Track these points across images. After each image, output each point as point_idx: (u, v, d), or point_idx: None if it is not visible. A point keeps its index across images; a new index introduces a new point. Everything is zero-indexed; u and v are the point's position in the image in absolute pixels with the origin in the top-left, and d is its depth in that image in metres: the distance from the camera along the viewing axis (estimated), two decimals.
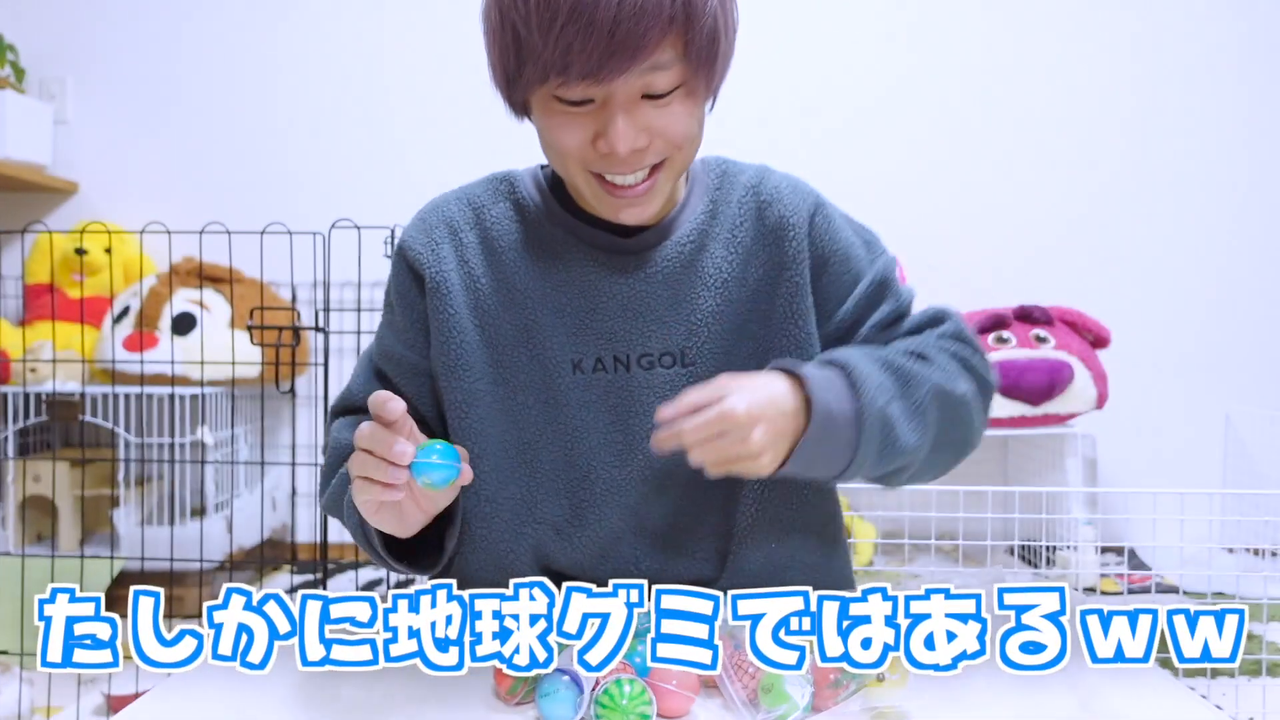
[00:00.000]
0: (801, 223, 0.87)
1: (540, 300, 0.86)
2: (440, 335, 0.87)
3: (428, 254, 0.88)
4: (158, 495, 2.37)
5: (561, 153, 0.78)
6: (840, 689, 0.56)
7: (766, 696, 0.55)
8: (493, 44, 0.78)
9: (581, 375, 0.86)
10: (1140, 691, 0.60)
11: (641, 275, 0.85)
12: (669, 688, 0.58)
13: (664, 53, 0.72)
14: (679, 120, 0.77)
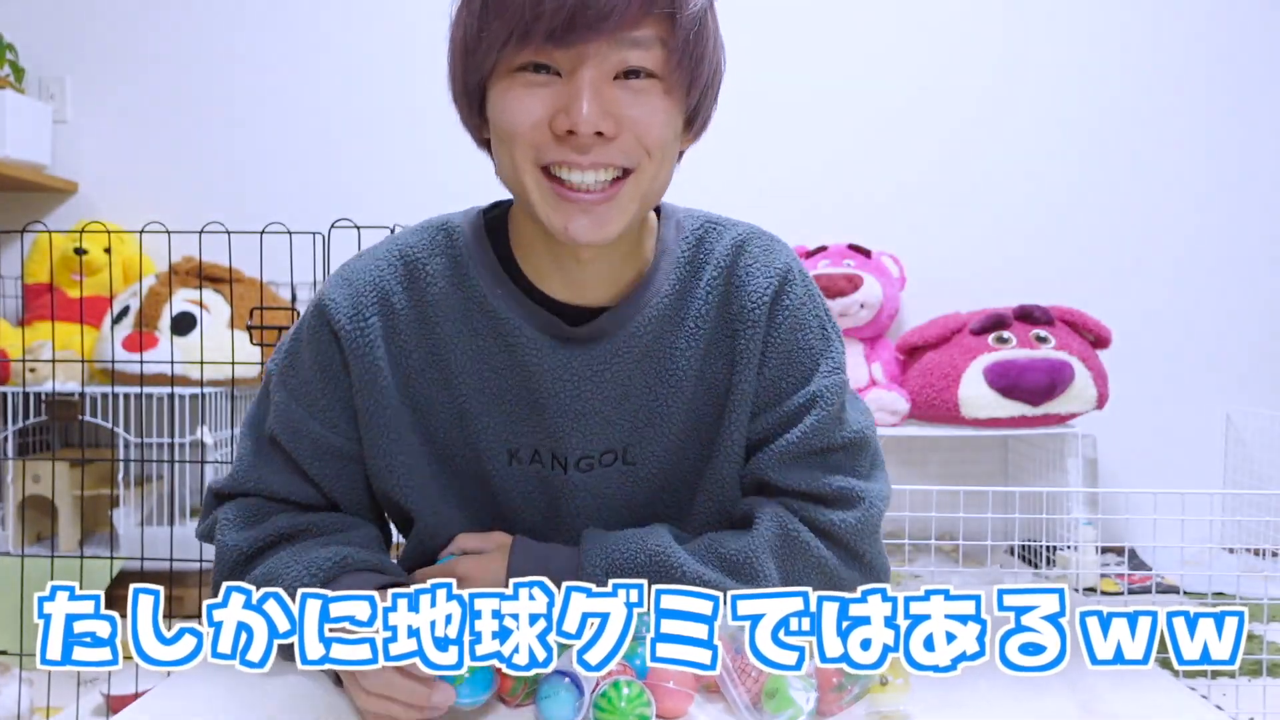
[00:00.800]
0: (761, 315, 0.78)
1: (476, 385, 0.78)
2: (372, 423, 0.78)
3: (353, 326, 0.77)
4: (158, 495, 2.37)
5: (511, 133, 0.69)
6: (844, 693, 0.56)
7: (770, 701, 0.55)
8: (459, 22, 0.70)
9: (518, 466, 0.80)
10: (1144, 693, 0.60)
11: (590, 371, 0.77)
12: (667, 688, 0.58)
13: (646, 28, 0.66)
14: (654, 115, 0.68)
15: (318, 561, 0.71)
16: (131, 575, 2.15)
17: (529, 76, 0.67)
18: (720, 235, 0.81)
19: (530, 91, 0.67)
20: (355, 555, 0.73)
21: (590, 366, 0.77)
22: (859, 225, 2.73)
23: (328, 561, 0.70)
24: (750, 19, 2.77)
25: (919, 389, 2.44)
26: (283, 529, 0.78)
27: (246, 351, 2.22)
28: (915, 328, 2.59)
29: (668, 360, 0.78)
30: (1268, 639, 1.96)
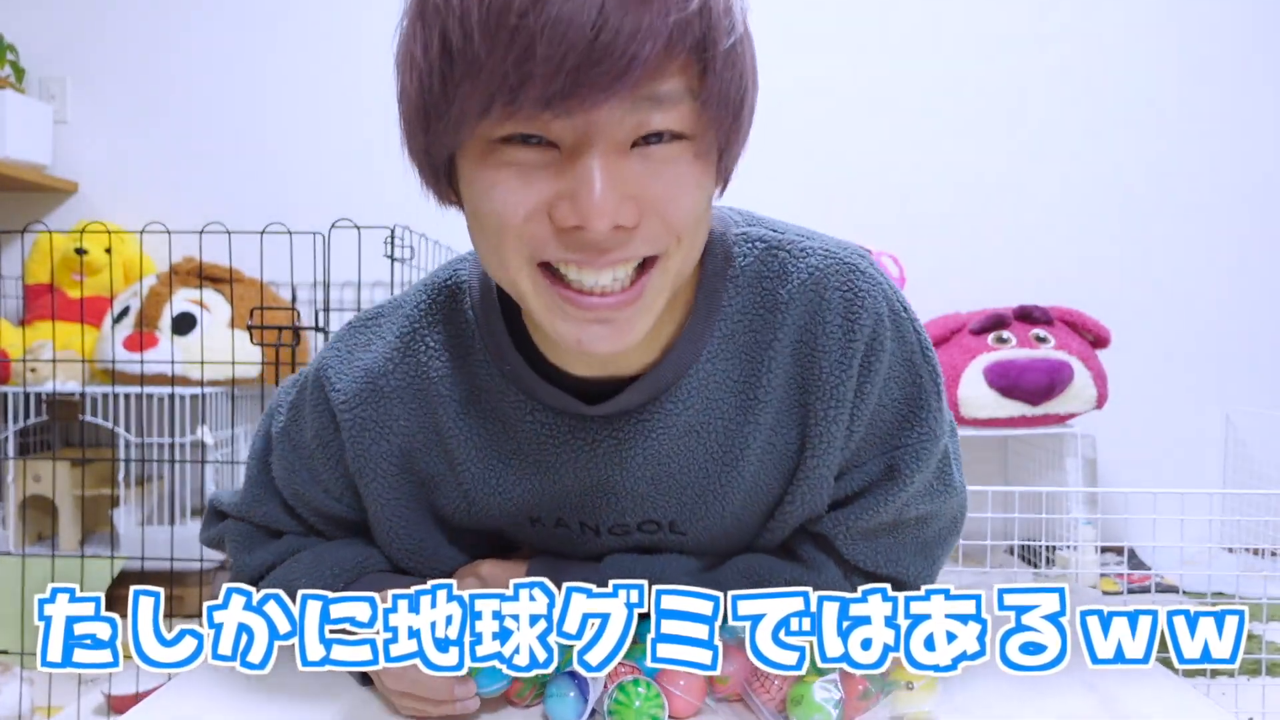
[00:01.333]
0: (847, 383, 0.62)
1: (480, 474, 0.66)
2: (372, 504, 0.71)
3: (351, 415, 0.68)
4: (158, 495, 2.37)
5: (498, 232, 0.53)
6: (870, 699, 0.55)
7: (796, 708, 0.55)
8: (409, 71, 0.52)
9: (542, 528, 0.70)
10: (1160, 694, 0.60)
11: (617, 457, 0.62)
12: (678, 686, 0.58)
13: (668, 80, 0.50)
14: (683, 190, 0.52)
15: (342, 561, 0.69)
16: (132, 575, 2.15)
17: (515, 152, 0.51)
18: (788, 270, 0.63)
19: (520, 174, 0.51)
20: (377, 556, 0.72)
21: (617, 450, 0.62)
22: (859, 225, 2.73)
23: (351, 561, 0.69)
24: (757, 15, 2.77)
25: None
26: (295, 544, 0.76)
27: (247, 352, 2.22)
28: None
29: (722, 435, 0.62)
30: (1267, 639, 1.96)
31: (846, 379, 0.62)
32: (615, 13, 0.44)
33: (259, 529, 0.78)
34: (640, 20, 0.45)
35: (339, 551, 0.72)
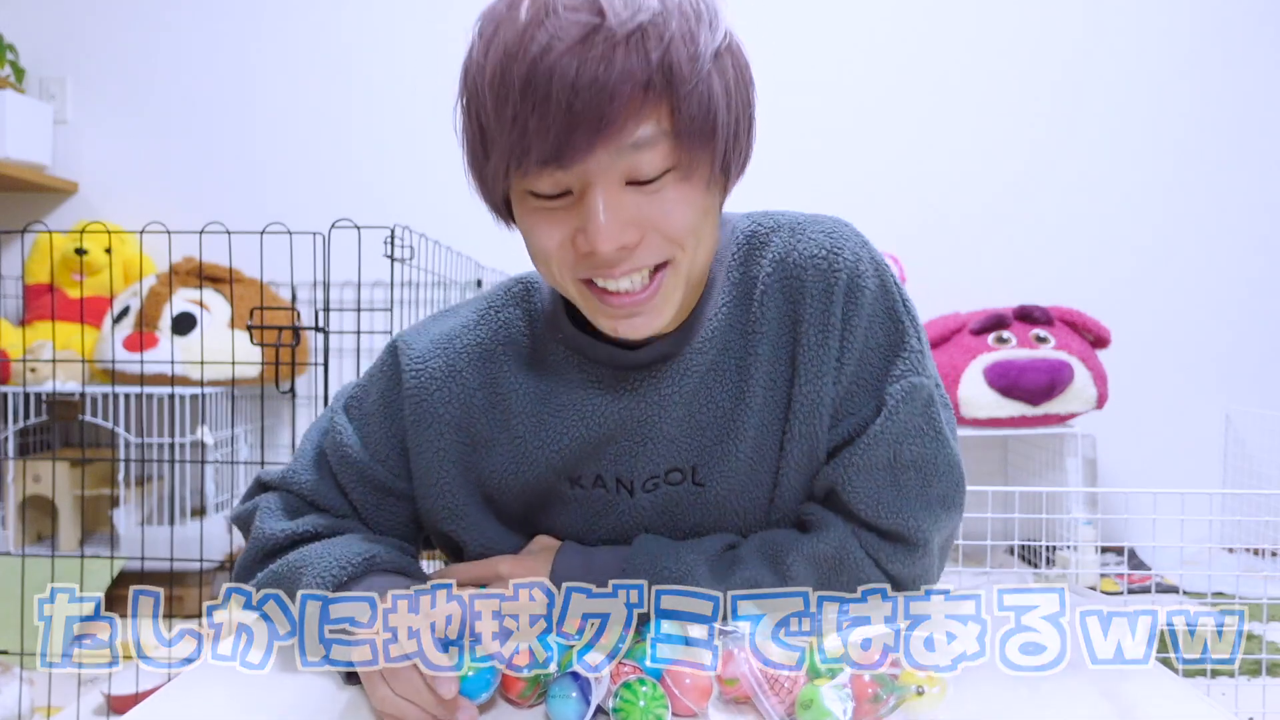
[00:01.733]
0: (834, 314, 0.72)
1: (534, 426, 0.76)
2: (427, 481, 0.79)
3: (419, 365, 0.78)
4: (158, 495, 2.37)
5: (543, 257, 0.66)
6: (881, 704, 0.55)
7: (805, 712, 0.54)
8: (463, 140, 0.69)
9: (580, 490, 0.77)
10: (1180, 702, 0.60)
11: (654, 396, 0.73)
12: (684, 686, 0.58)
13: (644, 127, 0.60)
14: (675, 210, 0.63)
15: (348, 555, 0.70)
16: (132, 575, 2.15)
17: (542, 200, 0.64)
18: (774, 223, 0.77)
19: (547, 215, 0.64)
20: (384, 555, 0.72)
21: (654, 389, 0.73)
22: (859, 225, 2.73)
23: (358, 557, 0.70)
24: (751, 18, 2.77)
25: None
26: (319, 526, 0.78)
27: (246, 352, 2.22)
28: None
29: (732, 373, 0.73)
30: (1267, 639, 1.96)
31: (832, 306, 0.72)
32: (585, 87, 0.56)
33: (296, 498, 0.81)
34: (606, 87, 0.57)
35: (348, 546, 0.73)
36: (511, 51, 0.59)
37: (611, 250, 0.61)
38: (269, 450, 2.68)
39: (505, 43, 0.60)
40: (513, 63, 0.59)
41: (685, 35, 0.60)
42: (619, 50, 0.57)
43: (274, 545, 0.77)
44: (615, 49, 0.57)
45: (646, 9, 0.59)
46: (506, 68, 0.59)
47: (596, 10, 0.58)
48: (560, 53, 0.57)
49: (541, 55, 0.57)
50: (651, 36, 0.58)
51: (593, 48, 0.57)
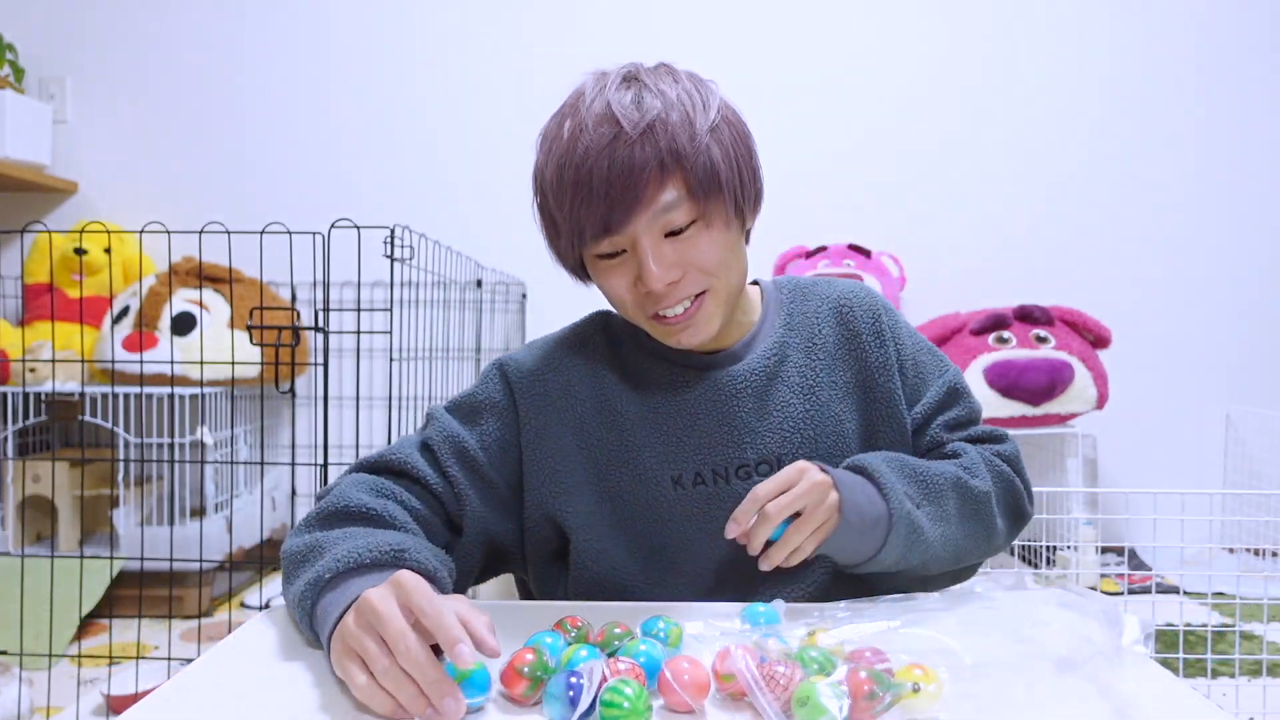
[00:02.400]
0: (884, 329, 0.96)
1: (638, 421, 0.91)
2: (544, 469, 0.90)
3: (533, 379, 0.93)
4: (157, 495, 2.37)
5: (617, 302, 0.87)
6: (876, 701, 0.55)
7: (801, 709, 0.54)
8: (541, 227, 0.88)
9: (682, 490, 0.90)
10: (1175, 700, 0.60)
11: (730, 389, 0.91)
12: (681, 683, 0.58)
13: (666, 194, 0.80)
14: (705, 250, 0.83)
15: (386, 543, 0.72)
16: (131, 575, 2.15)
17: (605, 262, 0.84)
18: (813, 282, 1.00)
19: (612, 270, 0.84)
20: (415, 552, 0.73)
21: (729, 383, 0.91)
22: (859, 225, 2.73)
23: (391, 545, 0.72)
24: (753, 19, 2.77)
25: None
26: (392, 513, 0.82)
27: (246, 351, 2.22)
28: (915, 328, 2.59)
29: (794, 373, 0.92)
30: (1268, 639, 1.96)
31: (881, 323, 0.96)
32: (616, 177, 0.79)
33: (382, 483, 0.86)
34: (630, 174, 0.79)
35: (388, 536, 0.75)
36: (562, 161, 0.81)
37: (661, 287, 0.82)
38: (268, 450, 2.68)
39: (558, 155, 0.81)
40: (564, 169, 0.80)
41: (684, 122, 0.81)
42: (635, 147, 0.78)
43: (345, 510, 0.81)
44: (632, 146, 0.78)
45: (651, 110, 0.80)
46: (561, 174, 0.81)
47: (614, 121, 0.79)
48: (595, 156, 0.79)
49: (582, 160, 0.79)
50: (658, 130, 0.79)
51: (616, 149, 0.78)
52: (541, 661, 0.61)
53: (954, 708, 0.57)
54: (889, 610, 0.66)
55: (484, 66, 2.78)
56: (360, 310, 2.23)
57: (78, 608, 1.96)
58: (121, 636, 2.10)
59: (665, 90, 0.82)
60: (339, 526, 0.79)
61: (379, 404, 2.59)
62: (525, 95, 2.75)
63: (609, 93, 0.81)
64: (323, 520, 0.81)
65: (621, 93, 0.81)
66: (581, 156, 0.79)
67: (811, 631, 0.64)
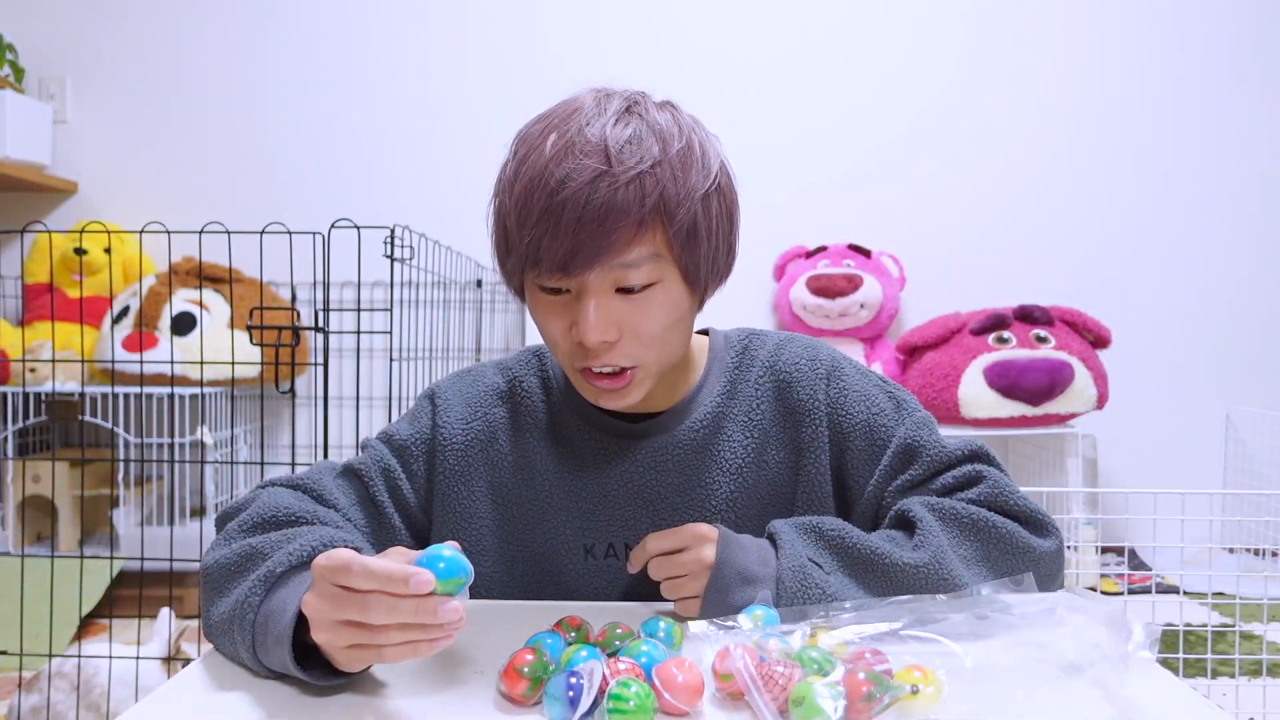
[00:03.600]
0: (819, 404, 0.86)
1: (557, 484, 0.87)
2: (454, 520, 0.87)
3: (461, 427, 0.88)
4: (157, 495, 2.37)
5: (549, 341, 0.80)
6: (874, 702, 0.55)
7: (797, 709, 0.54)
8: (491, 233, 0.81)
9: (593, 561, 0.86)
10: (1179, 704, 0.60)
11: (654, 463, 0.86)
12: (676, 684, 0.58)
13: (635, 251, 0.73)
14: (651, 317, 0.76)
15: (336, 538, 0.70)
16: (131, 575, 2.15)
17: (548, 294, 0.77)
18: (761, 342, 0.91)
19: (551, 306, 0.77)
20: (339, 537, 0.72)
21: (653, 457, 0.85)
22: (859, 225, 2.73)
23: (343, 540, 0.70)
24: (754, 19, 2.77)
25: (919, 389, 2.44)
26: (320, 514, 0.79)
27: (246, 351, 2.22)
28: (915, 328, 2.59)
29: (726, 450, 0.86)
30: (1268, 639, 1.96)
31: (818, 398, 0.87)
32: (590, 220, 0.71)
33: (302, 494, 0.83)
34: (605, 222, 0.71)
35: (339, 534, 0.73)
36: (535, 180, 0.73)
37: (596, 342, 0.75)
38: (268, 450, 2.68)
39: (532, 170, 0.73)
40: (535, 189, 0.72)
41: (677, 181, 0.74)
42: (619, 192, 0.71)
43: (270, 516, 0.76)
44: (616, 191, 0.71)
45: (648, 158, 0.73)
46: (530, 193, 0.73)
47: (604, 156, 0.72)
48: (574, 189, 0.71)
49: (558, 188, 0.71)
50: (648, 183, 0.72)
51: (597, 190, 0.71)
52: (541, 661, 0.61)
53: (952, 710, 0.56)
54: (893, 612, 0.66)
55: (484, 66, 2.78)
56: (360, 310, 2.23)
57: (78, 608, 1.96)
58: (121, 636, 2.10)
59: (667, 137, 0.75)
60: (270, 532, 0.75)
61: (379, 404, 2.59)
62: (525, 95, 2.74)
63: (606, 120, 0.74)
64: (249, 529, 0.76)
65: (620, 125, 0.74)
66: (559, 182, 0.71)
67: (814, 632, 0.64)
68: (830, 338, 2.54)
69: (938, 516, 0.80)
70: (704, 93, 2.75)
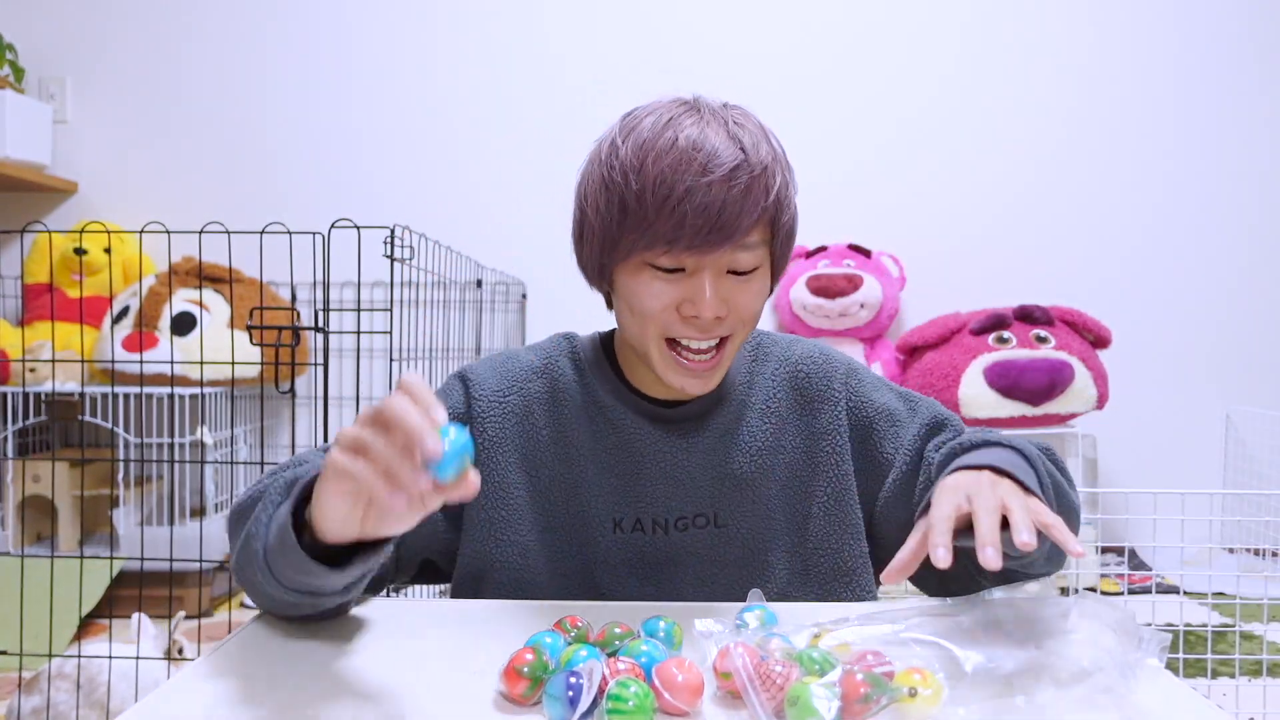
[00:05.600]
0: (838, 394, 0.94)
1: (590, 457, 0.91)
2: (490, 491, 0.89)
3: (494, 399, 0.92)
4: (157, 495, 2.37)
5: (645, 314, 0.83)
6: (871, 704, 0.55)
7: (792, 709, 0.54)
8: (595, 216, 0.83)
9: (621, 534, 0.90)
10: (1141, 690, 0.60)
11: (684, 444, 0.91)
12: (675, 684, 0.58)
13: (752, 237, 0.81)
14: (754, 297, 0.84)
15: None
16: (131, 575, 2.15)
17: (658, 271, 0.81)
18: (774, 340, 1.00)
19: (662, 283, 0.82)
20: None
21: (682, 440, 0.91)
22: (859, 225, 2.73)
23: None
24: (755, 20, 2.77)
25: (919, 389, 2.44)
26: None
27: (246, 352, 2.22)
28: (915, 328, 2.59)
29: (746, 434, 0.92)
30: (1268, 639, 1.96)
31: (838, 385, 0.94)
32: (729, 205, 0.78)
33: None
34: (741, 208, 0.78)
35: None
36: (677, 166, 0.78)
37: (711, 317, 0.81)
38: (268, 450, 2.68)
39: (669, 158, 0.79)
40: (678, 175, 0.78)
41: (787, 179, 0.84)
42: (755, 183, 0.79)
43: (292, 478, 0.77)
44: (753, 181, 0.79)
45: (769, 153, 0.81)
46: (669, 178, 0.78)
47: (738, 150, 0.79)
48: (720, 174, 0.77)
49: (702, 171, 0.77)
50: (768, 176, 0.80)
51: (736, 180, 0.78)
52: (541, 661, 0.61)
53: (949, 714, 0.56)
54: (897, 614, 0.66)
55: (484, 66, 2.78)
56: (360, 310, 2.23)
57: (78, 608, 1.96)
58: (121, 636, 2.10)
59: (772, 141, 0.84)
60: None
61: None
62: (526, 95, 2.75)
63: (721, 119, 0.81)
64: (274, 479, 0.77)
65: (735, 126, 0.81)
66: (701, 170, 0.77)
67: (818, 633, 0.64)
68: (830, 338, 2.54)
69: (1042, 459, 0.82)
70: (704, 92, 2.74)
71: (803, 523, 0.92)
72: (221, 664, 0.68)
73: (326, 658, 0.69)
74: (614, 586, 0.90)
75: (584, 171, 0.86)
